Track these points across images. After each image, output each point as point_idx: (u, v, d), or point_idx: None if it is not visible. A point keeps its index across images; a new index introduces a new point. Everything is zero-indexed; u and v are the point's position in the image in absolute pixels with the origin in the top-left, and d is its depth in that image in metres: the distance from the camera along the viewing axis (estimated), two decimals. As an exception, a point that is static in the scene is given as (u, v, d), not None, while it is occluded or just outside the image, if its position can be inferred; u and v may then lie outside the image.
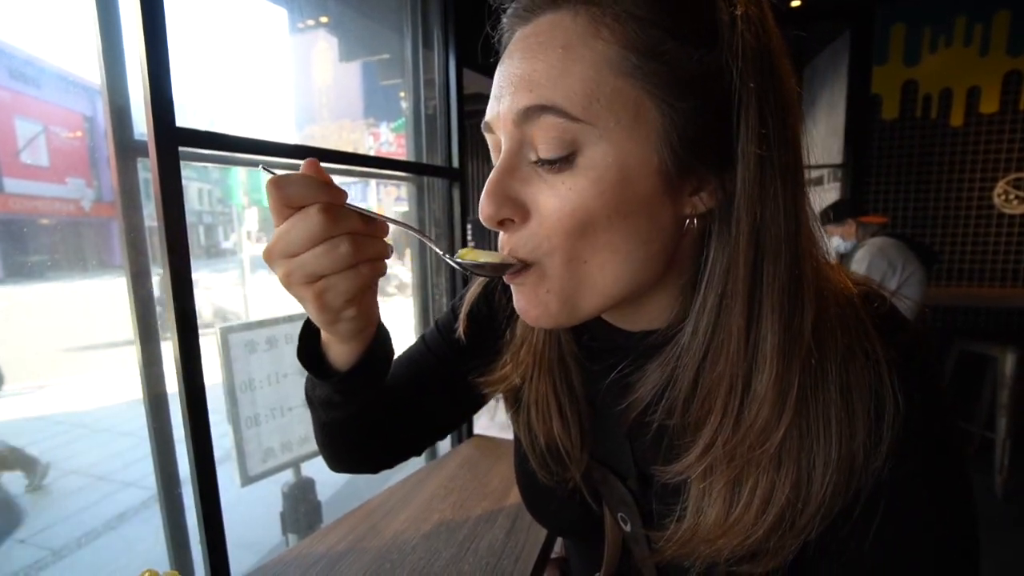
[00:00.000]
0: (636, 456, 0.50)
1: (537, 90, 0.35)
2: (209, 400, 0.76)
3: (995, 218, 3.02)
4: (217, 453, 0.77)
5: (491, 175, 0.37)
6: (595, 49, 0.34)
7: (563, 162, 0.35)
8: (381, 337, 0.49)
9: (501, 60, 0.39)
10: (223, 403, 1.28)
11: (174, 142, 0.63)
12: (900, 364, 0.36)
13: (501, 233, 0.40)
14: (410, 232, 0.43)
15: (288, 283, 0.39)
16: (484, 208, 0.37)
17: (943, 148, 3.04)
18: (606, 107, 0.34)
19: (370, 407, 0.53)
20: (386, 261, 0.42)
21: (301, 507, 1.46)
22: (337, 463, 0.61)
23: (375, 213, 0.39)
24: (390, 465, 0.65)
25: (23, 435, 3.57)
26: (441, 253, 0.42)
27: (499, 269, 0.40)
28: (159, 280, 0.72)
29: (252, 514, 2.50)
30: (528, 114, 0.35)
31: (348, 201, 0.38)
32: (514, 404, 0.56)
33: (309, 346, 0.48)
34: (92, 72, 0.68)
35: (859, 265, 2.43)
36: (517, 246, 0.38)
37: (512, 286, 0.41)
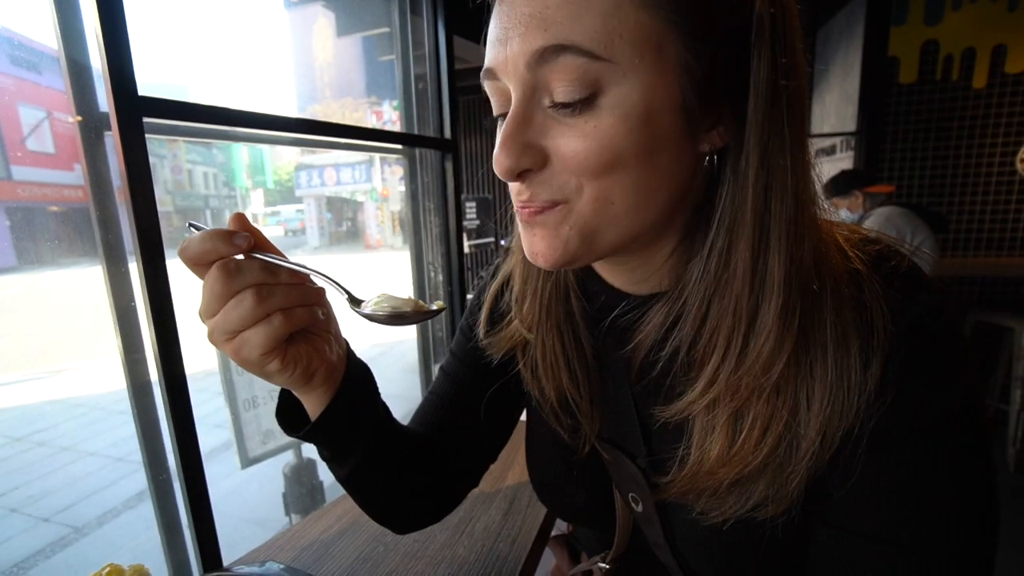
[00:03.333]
0: (643, 429, 0.48)
1: (552, 29, 0.33)
2: (215, 383, 0.74)
3: (1017, 185, 2.90)
4: (224, 435, 0.75)
5: (506, 124, 0.35)
6: None
7: (584, 104, 0.34)
8: (352, 383, 0.47)
9: (499, 2, 0.36)
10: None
11: (137, 112, 0.60)
12: (891, 295, 0.36)
13: (514, 185, 0.38)
14: (319, 279, 0.40)
15: (213, 341, 0.39)
16: (501, 160, 0.35)
17: (964, 112, 2.90)
18: (629, 43, 0.32)
19: (373, 459, 0.50)
20: (315, 307, 0.41)
21: (303, 488, 1.47)
22: (393, 526, 0.59)
23: (280, 261, 0.38)
24: (451, 506, 0.63)
25: (44, 419, 3.66)
26: (349, 304, 0.41)
27: (420, 316, 0.40)
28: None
29: (261, 493, 2.55)
30: (544, 55, 0.33)
31: (264, 250, 0.38)
32: (523, 361, 0.54)
33: (290, 402, 0.48)
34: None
35: None
36: (538, 190, 0.37)
37: (526, 227, 0.39)
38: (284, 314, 0.38)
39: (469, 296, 1.68)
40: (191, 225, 0.38)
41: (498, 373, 0.56)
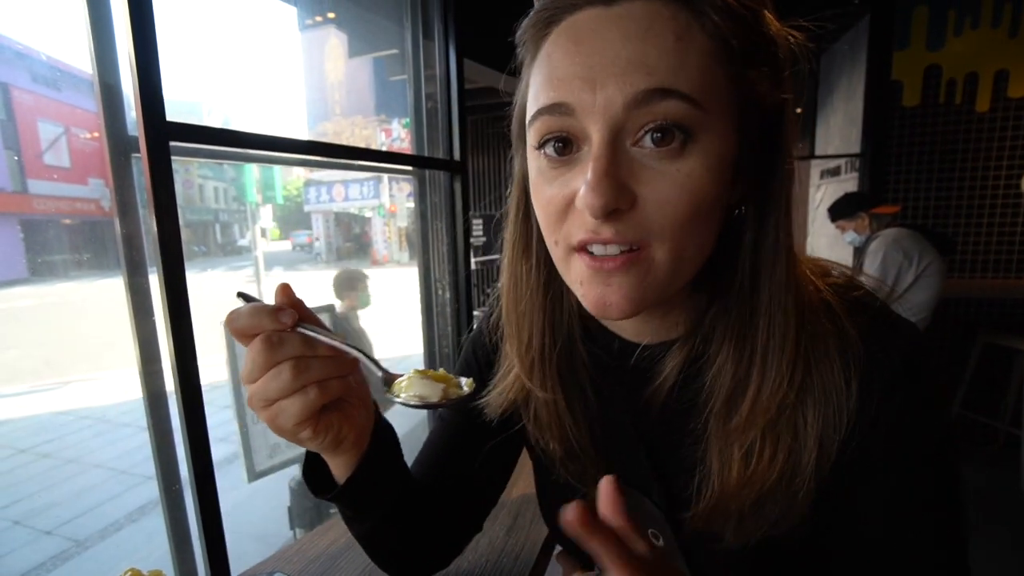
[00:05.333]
0: (658, 465, 0.50)
1: (657, 74, 0.34)
2: (220, 396, 0.76)
3: (1022, 207, 2.90)
4: (228, 449, 0.76)
5: (597, 163, 0.35)
6: (703, 42, 0.35)
7: (678, 149, 0.35)
8: (378, 447, 0.49)
9: (573, 40, 0.37)
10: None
11: (165, 137, 0.63)
12: (878, 343, 0.41)
13: (589, 223, 0.37)
14: (353, 354, 0.41)
15: (252, 406, 0.41)
16: (596, 198, 0.35)
17: (968, 135, 2.92)
18: (715, 97, 0.36)
19: (393, 517, 0.52)
20: (349, 378, 0.43)
21: (309, 502, 1.47)
22: (399, 573, 0.60)
23: (321, 336, 0.39)
24: (456, 552, 0.65)
25: (50, 430, 3.68)
26: (383, 385, 0.42)
27: (449, 403, 0.41)
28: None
29: (263, 509, 2.54)
30: (648, 97, 0.34)
31: (306, 322, 0.40)
32: (526, 414, 0.55)
33: (317, 463, 0.49)
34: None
35: (873, 257, 2.36)
36: (625, 231, 0.37)
37: (600, 276, 0.39)
38: (319, 386, 0.40)
39: (475, 313, 1.70)
40: (240, 295, 0.41)
41: (495, 426, 0.56)
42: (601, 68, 0.35)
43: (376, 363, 0.41)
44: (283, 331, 0.39)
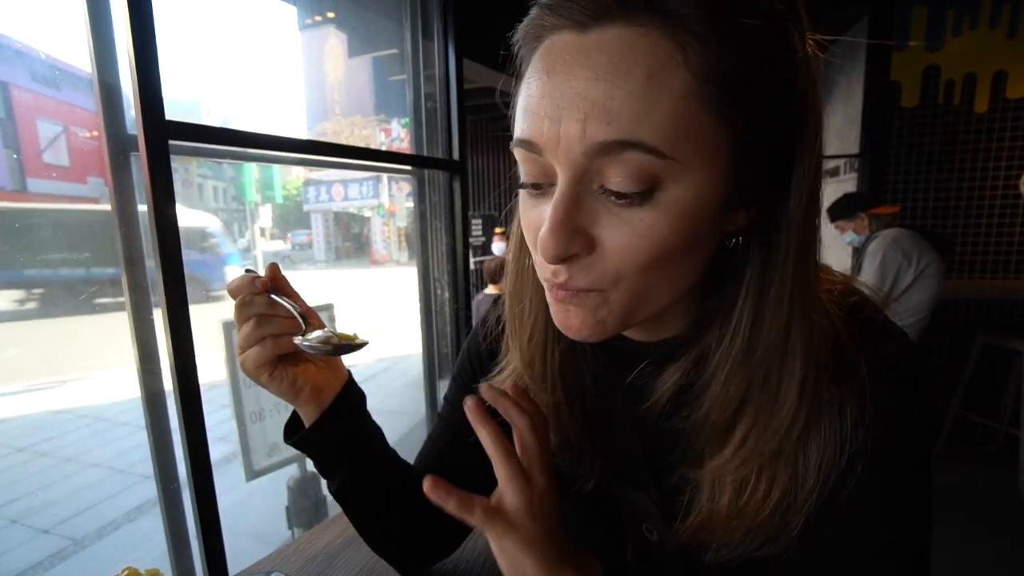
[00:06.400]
0: (655, 464, 0.50)
1: (618, 123, 0.31)
2: (220, 395, 0.76)
3: (1021, 208, 2.91)
4: (226, 448, 0.77)
5: (555, 208, 0.35)
6: (683, 80, 0.31)
7: (640, 197, 0.33)
8: (342, 406, 0.55)
9: (546, 69, 0.34)
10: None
11: (164, 135, 0.63)
12: (869, 351, 0.39)
13: (550, 265, 0.37)
14: (293, 313, 0.50)
15: (237, 352, 0.52)
16: (551, 247, 0.34)
17: (966, 136, 2.93)
18: (691, 143, 0.32)
19: (362, 477, 0.57)
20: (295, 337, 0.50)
21: (307, 501, 1.47)
22: (396, 562, 0.64)
23: (280, 300, 0.50)
24: (453, 545, 0.68)
25: (47, 429, 3.67)
26: (299, 340, 0.50)
27: (327, 351, 0.49)
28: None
29: (260, 509, 2.54)
30: (607, 148, 0.32)
31: (282, 292, 0.51)
32: None
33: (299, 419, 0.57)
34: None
35: (872, 257, 2.36)
36: (577, 276, 0.37)
37: (560, 303, 0.40)
38: (275, 339, 0.50)
39: (474, 314, 1.70)
40: (247, 270, 0.52)
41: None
42: (566, 110, 0.33)
43: (307, 321, 0.50)
44: (256, 295, 0.49)
